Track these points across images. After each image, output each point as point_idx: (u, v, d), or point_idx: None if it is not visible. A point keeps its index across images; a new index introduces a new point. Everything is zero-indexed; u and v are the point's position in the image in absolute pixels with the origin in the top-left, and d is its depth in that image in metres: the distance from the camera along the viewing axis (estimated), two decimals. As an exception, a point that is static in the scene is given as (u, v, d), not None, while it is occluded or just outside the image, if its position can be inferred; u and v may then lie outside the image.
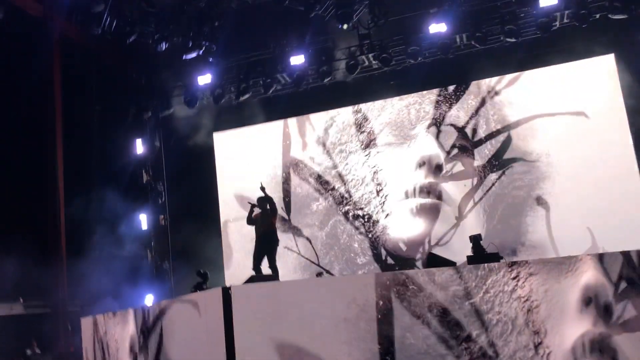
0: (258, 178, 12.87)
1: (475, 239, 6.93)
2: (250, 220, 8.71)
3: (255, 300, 4.91)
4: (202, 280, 8.07)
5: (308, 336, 4.84)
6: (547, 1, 10.50)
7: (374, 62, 11.93)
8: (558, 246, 10.88)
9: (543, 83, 11.48)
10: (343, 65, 12.00)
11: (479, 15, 11.14)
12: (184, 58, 11.85)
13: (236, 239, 12.78)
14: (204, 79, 12.46)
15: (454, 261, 6.60)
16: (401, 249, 11.84)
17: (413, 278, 5.18)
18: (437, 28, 11.07)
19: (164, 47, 11.78)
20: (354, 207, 12.29)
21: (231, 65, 12.58)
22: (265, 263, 8.35)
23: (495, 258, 6.49)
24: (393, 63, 11.76)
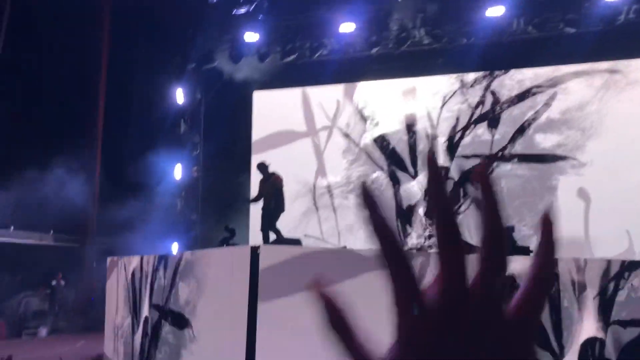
0: (293, 140, 13.02)
1: (508, 231, 6.82)
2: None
3: (282, 261, 4.94)
4: (230, 235, 8.16)
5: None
6: (614, -7, 10.09)
7: (425, 37, 11.66)
8: (592, 243, 10.67)
9: (599, 78, 11.08)
10: (393, 36, 11.76)
11: (540, 0, 10.76)
12: (233, 13, 11.76)
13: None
14: (251, 36, 12.38)
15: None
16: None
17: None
18: (495, 9, 10.73)
19: (215, 0, 11.70)
20: (388, 181, 12.20)
21: (280, 24, 12.45)
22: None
23: (526, 251, 6.40)
24: (444, 40, 11.49)
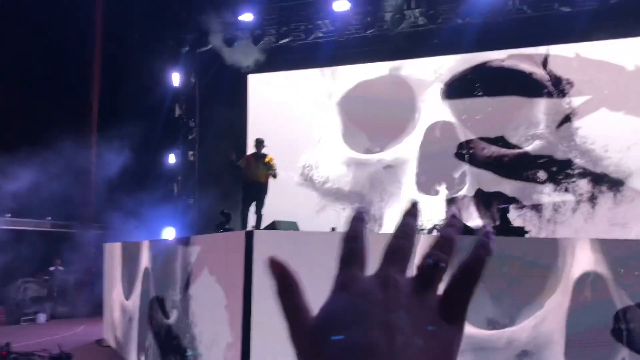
0: (289, 123, 12.99)
1: (503, 211, 6.85)
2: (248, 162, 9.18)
3: (277, 247, 4.95)
4: (225, 220, 8.18)
5: (325, 289, 4.88)
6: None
7: (420, 18, 11.58)
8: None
9: (594, 57, 11.04)
10: (388, 17, 11.68)
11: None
12: (227, -5, 11.66)
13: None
14: (245, 18, 12.28)
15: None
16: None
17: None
18: (490, -12, 10.66)
19: (208, -19, 11.60)
20: (383, 162, 12.21)
21: (274, 6, 12.35)
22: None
23: (521, 232, 6.44)
24: (439, 21, 11.42)
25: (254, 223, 9.09)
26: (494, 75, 11.68)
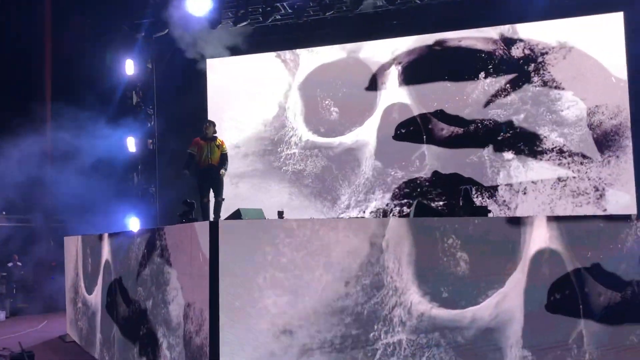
0: (249, 108, 12.85)
1: (466, 191, 6.92)
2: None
3: (243, 236, 4.89)
4: (189, 209, 8.04)
5: (293, 276, 4.85)
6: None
7: (379, 0, 11.55)
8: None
9: (556, 34, 11.22)
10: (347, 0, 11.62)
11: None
12: (182, -22, 11.36)
13: (223, 169, 12.71)
14: (201, 2, 11.99)
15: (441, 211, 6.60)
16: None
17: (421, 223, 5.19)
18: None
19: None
20: (344, 145, 12.22)
21: (230, -11, 12.12)
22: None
23: (484, 212, 6.53)
24: (398, 2, 11.40)
25: (213, 210, 8.94)
26: (451, 56, 11.77)
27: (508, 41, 11.47)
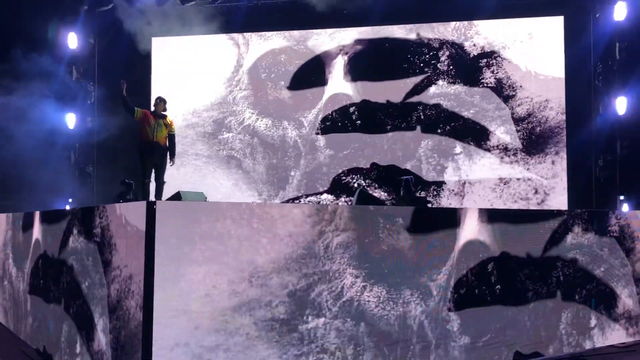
0: (195, 91, 12.61)
1: (407, 182, 7.04)
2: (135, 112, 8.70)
3: (181, 217, 4.80)
4: (126, 189, 7.85)
5: (233, 258, 4.81)
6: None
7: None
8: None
9: (498, 35, 11.52)
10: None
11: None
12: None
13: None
14: (150, -22, 11.67)
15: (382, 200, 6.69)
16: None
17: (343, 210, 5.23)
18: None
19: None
20: (307, 135, 12.19)
21: (179, -34, 11.83)
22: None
23: (423, 202, 6.65)
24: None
25: (155, 192, 8.71)
26: (399, 49, 11.91)
27: (455, 38, 11.70)
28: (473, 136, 11.47)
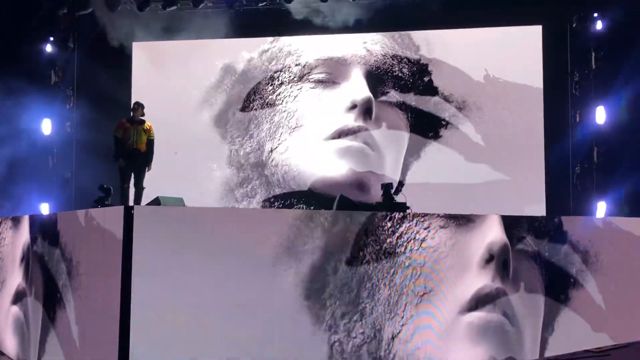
0: (175, 96, 12.53)
1: (386, 187, 7.08)
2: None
3: (159, 223, 4.76)
4: (105, 195, 7.77)
5: (215, 264, 4.78)
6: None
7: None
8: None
9: (476, 44, 11.64)
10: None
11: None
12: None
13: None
14: (129, -17, 11.61)
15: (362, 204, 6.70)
16: (320, 187, 11.92)
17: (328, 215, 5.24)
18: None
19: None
20: (282, 141, 12.17)
21: (160, -30, 11.79)
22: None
23: (403, 208, 6.68)
24: (330, -1, 11.47)
25: (134, 198, 8.62)
26: (374, 60, 11.96)
27: (431, 46, 11.82)
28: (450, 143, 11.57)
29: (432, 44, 11.82)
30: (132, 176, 8.72)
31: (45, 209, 11.92)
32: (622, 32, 10.54)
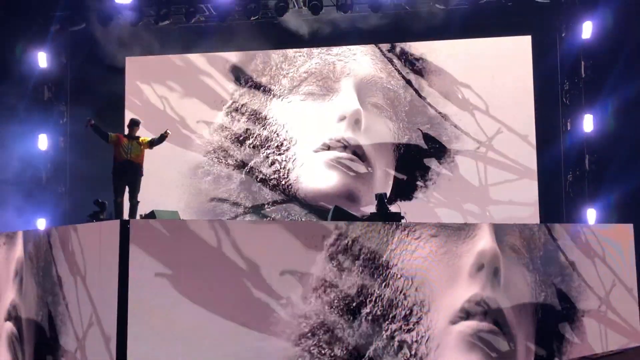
0: (168, 110, 12.57)
1: (380, 197, 7.11)
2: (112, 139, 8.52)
3: (155, 238, 4.78)
4: (99, 209, 7.77)
5: (208, 277, 4.79)
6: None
7: (304, 9, 11.68)
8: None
9: (467, 54, 11.76)
10: (272, 5, 11.68)
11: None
12: (102, -29, 11.01)
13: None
14: (122, -2, 11.66)
15: (357, 215, 6.75)
16: (313, 198, 11.94)
17: (326, 227, 5.27)
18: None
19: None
20: (272, 153, 12.20)
21: (153, -15, 11.87)
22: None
23: (397, 217, 6.72)
24: (323, 12, 11.56)
25: (129, 212, 8.58)
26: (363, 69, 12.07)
27: (422, 57, 11.93)
28: (438, 154, 11.66)
29: (422, 55, 11.94)
30: (127, 191, 8.66)
31: (41, 224, 11.91)
32: (611, 41, 10.68)
